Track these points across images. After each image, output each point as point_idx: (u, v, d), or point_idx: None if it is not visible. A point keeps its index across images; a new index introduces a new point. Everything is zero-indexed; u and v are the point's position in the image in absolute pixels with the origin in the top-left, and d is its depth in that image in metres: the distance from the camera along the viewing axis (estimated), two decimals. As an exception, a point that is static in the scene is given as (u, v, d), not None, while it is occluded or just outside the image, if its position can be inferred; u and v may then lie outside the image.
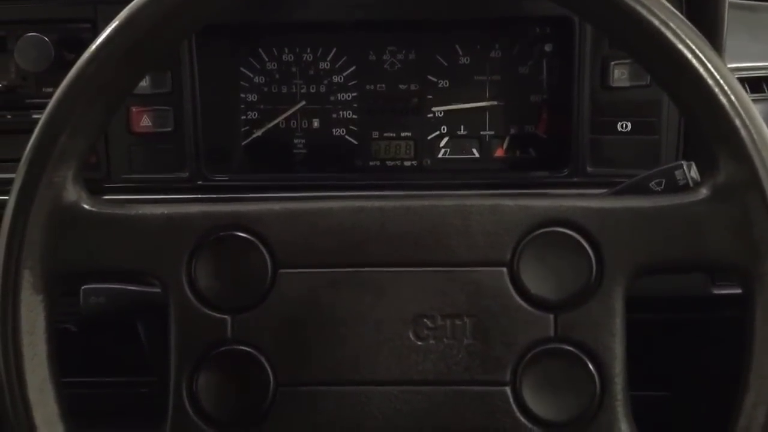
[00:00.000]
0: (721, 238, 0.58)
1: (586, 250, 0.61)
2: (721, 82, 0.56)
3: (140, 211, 0.63)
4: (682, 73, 0.57)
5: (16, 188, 0.61)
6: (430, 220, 0.62)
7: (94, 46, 0.60)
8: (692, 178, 0.68)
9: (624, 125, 0.87)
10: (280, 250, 0.63)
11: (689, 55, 0.56)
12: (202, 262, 0.63)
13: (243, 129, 0.95)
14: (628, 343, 0.61)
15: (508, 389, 0.61)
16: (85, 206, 0.62)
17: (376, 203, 0.63)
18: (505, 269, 0.62)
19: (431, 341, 0.62)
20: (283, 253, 0.63)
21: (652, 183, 0.69)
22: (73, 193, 0.62)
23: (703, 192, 0.59)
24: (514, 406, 0.61)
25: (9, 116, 0.89)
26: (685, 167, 0.68)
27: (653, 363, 1.01)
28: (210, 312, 0.63)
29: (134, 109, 0.88)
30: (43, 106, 0.61)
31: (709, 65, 0.56)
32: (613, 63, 0.86)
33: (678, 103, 0.61)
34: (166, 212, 0.63)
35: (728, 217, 0.58)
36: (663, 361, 1.06)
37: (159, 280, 0.63)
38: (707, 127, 0.58)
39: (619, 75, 0.86)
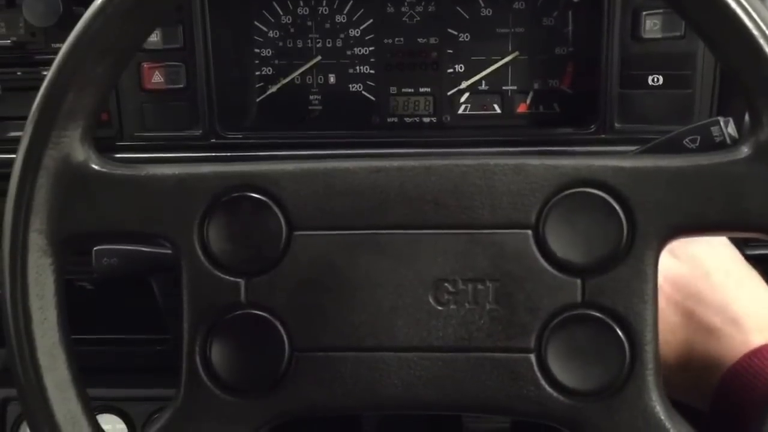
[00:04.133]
0: (763, 199, 0.55)
1: (617, 212, 0.58)
2: (767, 31, 0.53)
3: (150, 172, 0.61)
4: (724, 20, 0.53)
5: (22, 148, 0.59)
6: (452, 180, 0.60)
7: (99, 0, 0.57)
8: (729, 134, 0.64)
9: (655, 79, 0.84)
10: (294, 211, 0.61)
11: (731, 1, 0.53)
12: (214, 224, 0.61)
13: (257, 85, 0.92)
14: None
15: (532, 356, 0.59)
16: (94, 167, 0.60)
17: (395, 163, 0.60)
18: (530, 232, 0.59)
19: (452, 306, 0.59)
20: (298, 214, 0.61)
21: (686, 140, 0.66)
22: (81, 153, 0.60)
23: (745, 150, 0.56)
24: (538, 374, 0.59)
25: (19, 73, 0.87)
26: (722, 123, 0.65)
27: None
28: (223, 275, 0.61)
29: (145, 65, 0.86)
30: (52, 63, 0.59)
31: (752, 11, 0.53)
32: (644, 13, 0.82)
33: (717, 53, 0.57)
34: (177, 173, 0.61)
35: None
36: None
37: (170, 242, 0.61)
38: (750, 80, 0.55)
39: (651, 26, 0.83)
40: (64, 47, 0.58)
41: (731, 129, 0.64)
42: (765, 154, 0.55)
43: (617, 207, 0.58)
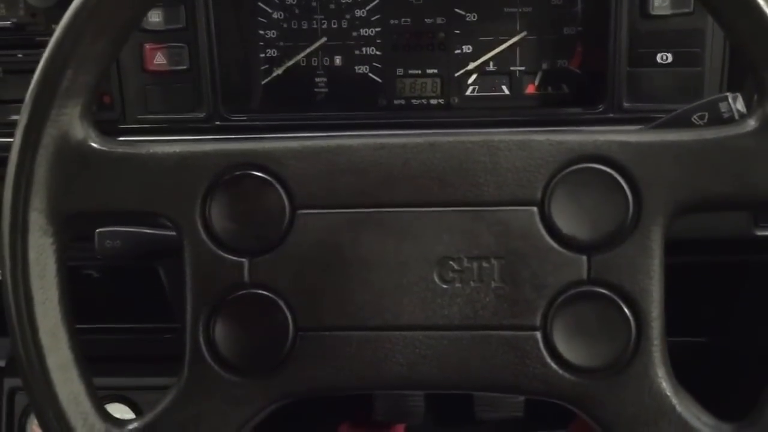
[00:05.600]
0: None
1: (623, 188, 0.57)
2: None
3: (152, 150, 0.60)
4: None
5: (21, 126, 0.58)
6: (456, 157, 0.59)
7: None
8: (738, 110, 0.63)
9: (664, 57, 0.83)
10: (297, 189, 0.60)
11: None
12: (216, 203, 0.60)
13: (262, 67, 0.91)
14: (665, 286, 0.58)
15: (538, 334, 0.58)
16: (94, 145, 0.60)
17: (399, 140, 0.60)
18: (535, 208, 0.58)
19: (457, 284, 0.59)
20: (301, 192, 0.60)
21: (695, 116, 0.65)
22: (80, 131, 0.59)
23: (751, 123, 0.55)
24: (544, 352, 0.58)
25: (20, 55, 0.86)
26: (730, 99, 0.64)
27: (690, 308, 0.98)
28: (226, 255, 0.60)
29: (148, 46, 0.85)
30: None
31: None
32: (653, -11, 0.81)
33: (725, 27, 0.56)
34: (178, 151, 0.60)
35: None
36: (700, 306, 1.03)
37: (172, 222, 0.61)
38: (757, 53, 0.54)
39: (660, 2, 0.81)
40: (62, 24, 0.58)
41: (740, 105, 0.63)
42: None
43: (623, 183, 0.57)
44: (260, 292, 0.60)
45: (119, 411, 1.02)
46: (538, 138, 0.58)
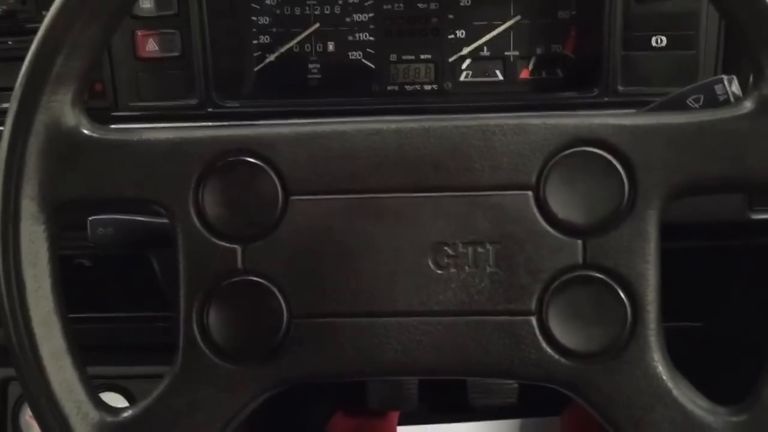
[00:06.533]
0: (766, 154, 0.54)
1: (618, 171, 0.57)
2: None
3: (143, 137, 0.60)
4: None
5: (11, 113, 0.58)
6: (451, 141, 0.59)
7: None
8: (733, 93, 0.63)
9: (659, 40, 0.82)
10: (291, 175, 0.59)
11: None
12: (209, 190, 0.60)
13: (255, 54, 0.91)
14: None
15: (533, 319, 0.58)
16: (86, 131, 0.59)
17: (393, 125, 0.59)
18: (530, 193, 0.58)
19: (452, 270, 0.59)
20: (295, 178, 0.59)
21: (690, 99, 0.64)
22: (72, 118, 0.59)
23: (747, 105, 0.55)
24: (539, 337, 0.58)
25: (10, 42, 0.86)
26: (725, 81, 0.63)
27: (685, 293, 0.98)
28: (219, 241, 0.60)
29: (139, 33, 0.85)
30: None
31: None
32: (647, -29, 0.81)
33: (720, 8, 0.56)
34: (170, 137, 0.60)
35: None
36: (696, 291, 1.03)
37: (165, 208, 0.60)
38: (752, 33, 0.53)
39: (655, -17, 0.81)
40: (52, 10, 0.57)
41: (735, 87, 0.63)
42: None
43: (618, 166, 0.57)
44: (254, 278, 0.60)
45: (113, 400, 1.01)
46: (533, 121, 0.58)
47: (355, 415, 1.21)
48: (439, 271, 0.59)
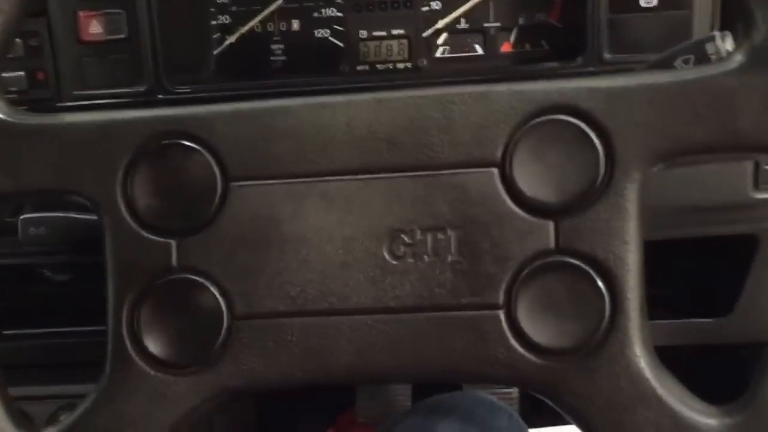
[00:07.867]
0: (758, 113, 0.47)
1: (593, 141, 0.50)
2: None
3: (67, 120, 0.55)
4: None
5: None
6: (406, 115, 0.53)
7: None
8: (727, 50, 0.56)
9: (648, 0, 0.75)
10: (230, 159, 0.54)
11: None
12: (140, 178, 0.54)
13: (214, 36, 0.85)
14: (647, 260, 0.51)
15: (501, 313, 0.52)
16: (2, 116, 0.54)
17: (342, 98, 0.54)
18: (495, 170, 0.52)
19: (409, 260, 0.53)
20: (235, 162, 0.54)
21: (678, 60, 0.58)
22: None
23: (737, 59, 0.48)
24: (508, 333, 0.52)
25: None
26: (717, 38, 0.57)
27: (695, 288, 0.91)
28: (151, 236, 0.55)
29: (82, 14, 0.79)
30: None
31: None
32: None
33: None
34: (96, 119, 0.55)
35: None
36: (706, 286, 0.96)
37: (89, 199, 0.55)
38: None
39: (642, -59, 0.74)
40: None
41: (729, 44, 0.56)
42: (759, 61, 0.47)
43: (592, 135, 0.50)
44: (190, 276, 0.54)
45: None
46: (498, 89, 0.52)
47: (347, 430, 1.15)
48: (395, 262, 0.53)
